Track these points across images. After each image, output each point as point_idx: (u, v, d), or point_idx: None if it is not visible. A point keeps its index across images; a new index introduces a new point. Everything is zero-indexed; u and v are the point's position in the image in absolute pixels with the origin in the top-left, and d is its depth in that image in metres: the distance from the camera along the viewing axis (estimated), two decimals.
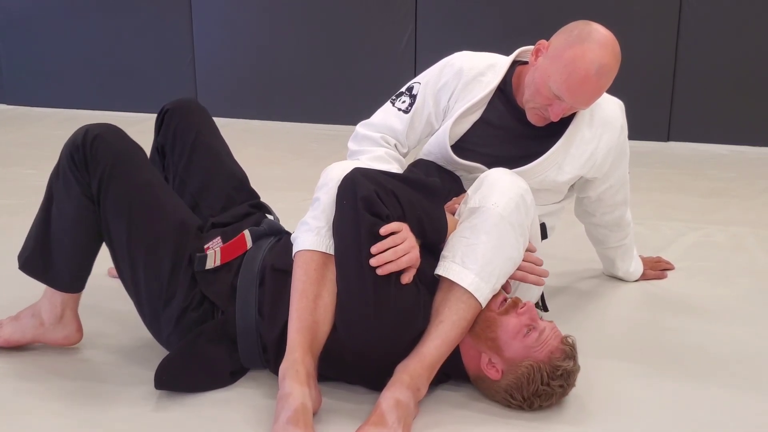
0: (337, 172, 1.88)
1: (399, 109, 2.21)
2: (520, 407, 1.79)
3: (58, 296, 1.96)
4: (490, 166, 2.09)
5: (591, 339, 2.12)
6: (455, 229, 1.88)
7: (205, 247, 1.93)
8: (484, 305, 1.81)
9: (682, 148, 4.44)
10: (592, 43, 1.96)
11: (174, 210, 1.95)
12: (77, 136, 1.89)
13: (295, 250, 1.87)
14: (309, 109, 5.03)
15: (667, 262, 2.70)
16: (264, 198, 2.23)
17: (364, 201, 1.76)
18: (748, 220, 3.24)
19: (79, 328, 2.01)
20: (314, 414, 1.71)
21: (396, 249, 1.74)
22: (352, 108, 4.89)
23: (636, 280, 2.59)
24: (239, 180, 2.19)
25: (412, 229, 1.82)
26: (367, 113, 2.28)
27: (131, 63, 5.29)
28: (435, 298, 1.83)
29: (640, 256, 2.62)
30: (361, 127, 2.25)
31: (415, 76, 4.70)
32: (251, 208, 2.13)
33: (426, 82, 2.23)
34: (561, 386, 1.77)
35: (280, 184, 3.58)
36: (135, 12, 5.21)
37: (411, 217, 1.82)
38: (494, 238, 1.79)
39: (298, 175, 3.88)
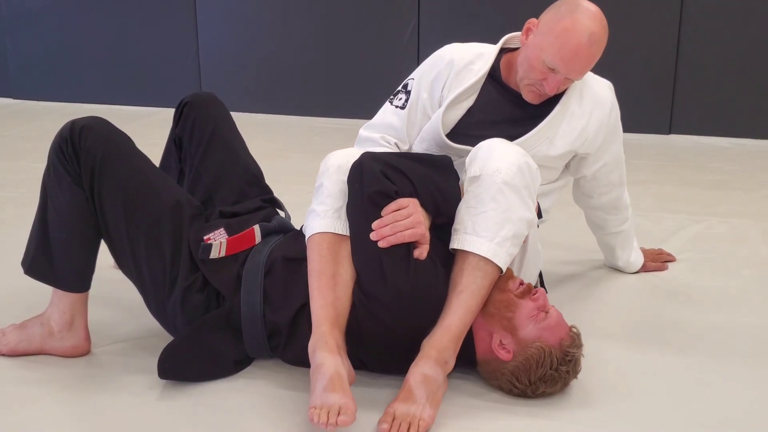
0: (335, 158, 1.95)
1: (396, 107, 2.27)
2: (523, 393, 1.80)
3: (66, 300, 1.97)
4: None
5: (593, 328, 2.13)
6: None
7: (206, 237, 1.94)
8: (504, 269, 1.84)
9: (683, 141, 4.44)
10: (581, 14, 2.04)
11: (168, 191, 1.96)
12: (64, 130, 1.91)
13: (306, 236, 1.91)
14: (312, 103, 5.04)
15: (669, 254, 2.72)
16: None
17: (371, 182, 1.80)
18: (750, 212, 3.26)
19: (88, 338, 2.02)
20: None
21: (394, 225, 1.79)
22: (355, 101, 4.90)
23: (637, 272, 2.60)
24: (253, 175, 2.21)
25: (425, 204, 1.86)
26: (370, 106, 2.31)
27: (136, 57, 5.30)
28: (452, 271, 1.86)
29: (641, 248, 2.63)
30: (363, 130, 2.30)
31: None
32: (263, 203, 2.15)
33: (420, 76, 2.28)
34: (568, 372, 1.79)
35: (284, 177, 3.58)
36: (140, 6, 5.22)
37: (423, 192, 1.86)
38: (501, 203, 1.83)
39: (302, 168, 3.89)
